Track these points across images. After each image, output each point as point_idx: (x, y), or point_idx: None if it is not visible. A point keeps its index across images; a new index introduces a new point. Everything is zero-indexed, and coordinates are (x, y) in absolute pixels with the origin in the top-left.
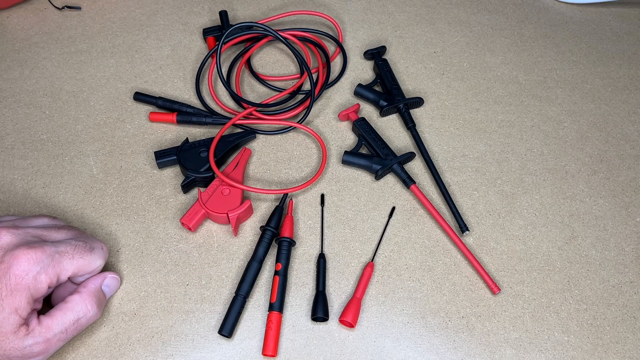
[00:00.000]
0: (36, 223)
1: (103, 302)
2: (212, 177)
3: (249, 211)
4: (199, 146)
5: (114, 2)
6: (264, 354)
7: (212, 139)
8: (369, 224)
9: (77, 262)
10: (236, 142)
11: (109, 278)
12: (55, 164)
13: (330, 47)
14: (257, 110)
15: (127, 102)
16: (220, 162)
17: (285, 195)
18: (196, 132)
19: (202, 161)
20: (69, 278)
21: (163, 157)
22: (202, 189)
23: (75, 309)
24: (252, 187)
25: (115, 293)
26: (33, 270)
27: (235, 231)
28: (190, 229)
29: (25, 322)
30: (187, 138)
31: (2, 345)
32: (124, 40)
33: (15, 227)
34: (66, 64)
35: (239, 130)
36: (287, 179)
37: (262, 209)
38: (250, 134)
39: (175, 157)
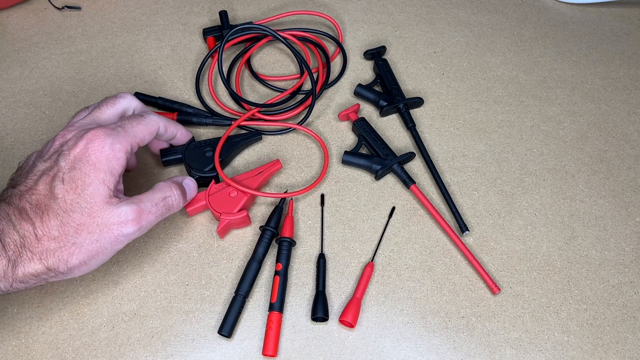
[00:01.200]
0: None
1: (185, 195)
2: (215, 178)
3: (244, 221)
4: (205, 146)
5: (114, 2)
6: (264, 354)
7: (218, 139)
8: (369, 224)
9: (138, 127)
10: (242, 142)
11: (188, 178)
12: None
13: (330, 47)
14: (259, 112)
15: None
16: (224, 163)
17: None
18: (197, 132)
19: (207, 161)
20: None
21: (169, 155)
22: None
23: (161, 189)
24: (252, 190)
25: (116, 294)
26: (108, 142)
27: (221, 234)
28: (187, 213)
29: (115, 195)
30: (192, 137)
31: (100, 215)
32: (124, 40)
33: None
34: (66, 64)
35: (244, 131)
36: (288, 179)
37: (262, 209)
38: (256, 134)
39: (180, 156)
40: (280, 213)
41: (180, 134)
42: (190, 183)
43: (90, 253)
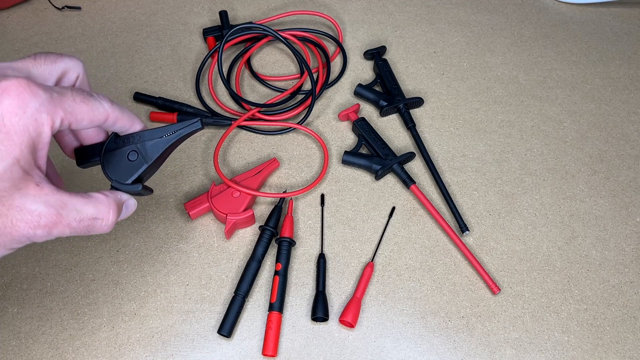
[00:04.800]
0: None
1: (117, 217)
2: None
3: (250, 220)
4: (128, 143)
5: (114, 2)
6: (264, 354)
7: (151, 130)
8: (369, 224)
9: (79, 106)
10: (177, 137)
11: (132, 200)
12: (55, 164)
13: (330, 47)
14: (259, 111)
15: (127, 102)
16: (154, 168)
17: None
18: (196, 133)
19: (130, 168)
20: (71, 130)
21: (87, 160)
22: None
23: (97, 206)
24: (253, 191)
25: (116, 294)
26: (32, 105)
27: (228, 235)
28: (189, 216)
29: (31, 178)
30: (114, 133)
31: (6, 204)
32: (124, 40)
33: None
34: None
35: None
36: (288, 179)
37: (262, 209)
38: (193, 121)
39: (98, 159)
40: (279, 213)
41: (133, 129)
42: (132, 205)
43: None
